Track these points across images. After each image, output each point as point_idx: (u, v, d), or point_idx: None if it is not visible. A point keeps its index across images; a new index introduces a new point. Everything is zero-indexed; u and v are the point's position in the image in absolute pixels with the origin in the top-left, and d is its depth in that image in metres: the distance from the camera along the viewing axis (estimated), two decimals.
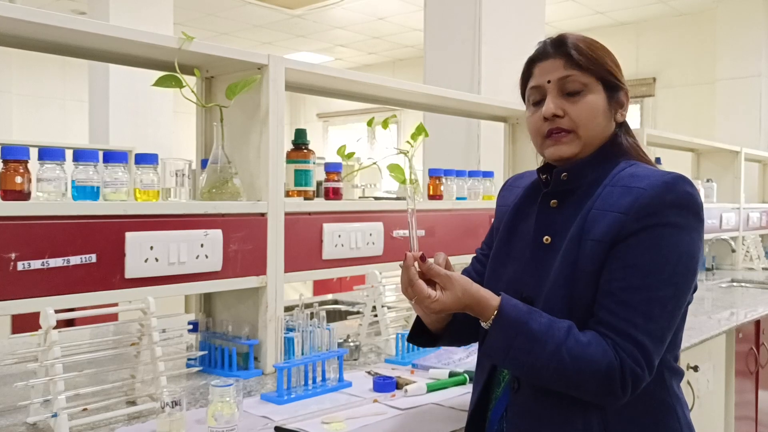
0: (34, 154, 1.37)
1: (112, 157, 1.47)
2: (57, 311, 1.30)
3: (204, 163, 1.73)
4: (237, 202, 1.66)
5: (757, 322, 2.80)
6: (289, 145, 1.88)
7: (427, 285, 1.10)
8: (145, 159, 1.53)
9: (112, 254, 1.42)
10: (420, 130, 2.27)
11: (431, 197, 2.30)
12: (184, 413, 1.22)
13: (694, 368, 2.31)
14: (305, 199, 1.86)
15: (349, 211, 1.96)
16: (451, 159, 3.06)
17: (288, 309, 1.74)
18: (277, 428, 1.28)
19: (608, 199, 1.12)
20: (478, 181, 2.47)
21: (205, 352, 1.70)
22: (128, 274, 1.44)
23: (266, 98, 1.70)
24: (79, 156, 1.42)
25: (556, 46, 1.19)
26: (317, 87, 2.09)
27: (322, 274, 1.90)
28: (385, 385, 1.55)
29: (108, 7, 4.77)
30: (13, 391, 1.40)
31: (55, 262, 1.33)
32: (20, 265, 1.28)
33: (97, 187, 1.44)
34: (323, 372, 1.57)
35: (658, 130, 4.47)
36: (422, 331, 1.28)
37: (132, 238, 1.44)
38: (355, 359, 1.86)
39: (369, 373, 1.69)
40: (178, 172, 1.63)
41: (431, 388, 1.54)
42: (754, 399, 2.86)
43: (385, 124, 2.25)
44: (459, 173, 2.40)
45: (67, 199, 1.42)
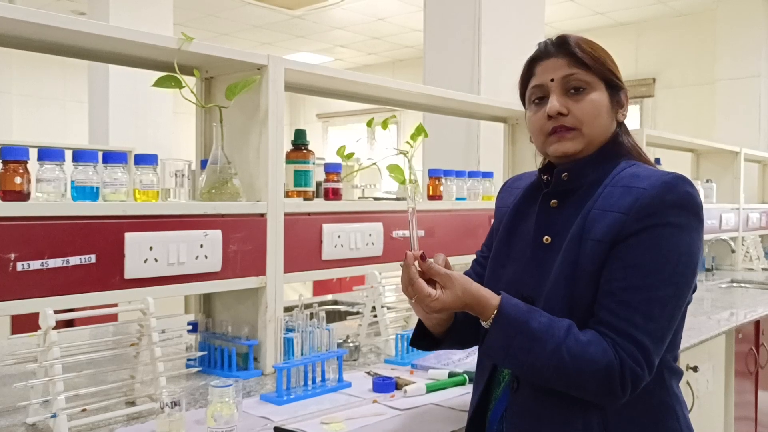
0: (33, 154, 1.37)
1: (112, 158, 1.47)
2: (56, 312, 1.29)
3: (203, 164, 1.73)
4: (236, 203, 1.66)
5: (757, 323, 2.80)
6: (288, 146, 1.88)
7: (428, 284, 1.10)
8: (145, 159, 1.53)
9: (111, 255, 1.42)
10: (419, 131, 2.27)
11: (431, 198, 2.30)
12: (184, 414, 1.22)
13: (694, 369, 2.31)
14: (305, 199, 1.86)
15: (349, 212, 1.96)
16: (450, 159, 3.06)
17: (287, 309, 1.74)
18: (276, 429, 1.28)
19: (609, 199, 1.12)
20: (477, 182, 2.47)
21: (205, 353, 1.70)
22: (128, 275, 1.44)
23: (266, 99, 1.70)
24: (79, 156, 1.42)
25: (558, 45, 1.19)
26: (317, 87, 2.09)
27: (322, 275, 1.90)
28: (384, 385, 1.55)
29: (108, 8, 4.77)
30: (12, 391, 1.40)
31: (55, 263, 1.33)
32: (19, 266, 1.28)
33: (97, 188, 1.44)
34: (323, 372, 1.57)
35: (658, 131, 4.48)
36: (424, 335, 1.28)
37: (131, 239, 1.44)
38: (355, 360, 1.86)
39: (368, 373, 1.69)
40: (177, 173, 1.63)
41: (431, 389, 1.54)
42: (754, 399, 2.86)
43: (385, 125, 2.25)
44: (458, 174, 2.40)
45: (67, 199, 1.42)
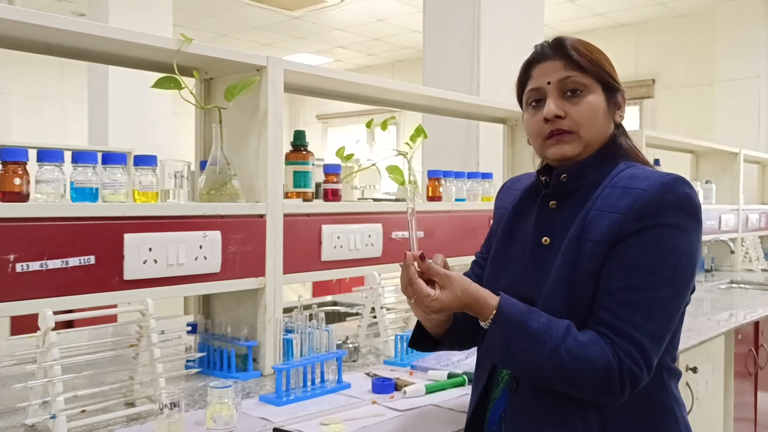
0: (33, 155, 1.37)
1: (111, 159, 1.47)
2: (56, 313, 1.29)
3: (203, 165, 1.73)
4: (236, 204, 1.66)
5: (756, 324, 2.80)
6: (288, 147, 1.89)
7: (427, 284, 1.10)
8: (144, 160, 1.53)
9: (110, 256, 1.42)
10: (419, 132, 2.27)
11: (430, 199, 2.30)
12: (183, 415, 1.22)
13: (693, 369, 2.31)
14: (304, 200, 1.86)
15: (348, 213, 1.96)
16: (450, 160, 3.06)
17: (287, 310, 1.74)
18: (275, 430, 1.28)
19: (608, 199, 1.13)
20: (477, 183, 2.47)
21: (204, 354, 1.70)
22: (127, 276, 1.44)
23: (265, 100, 1.70)
24: (78, 157, 1.42)
25: (554, 48, 1.19)
26: (316, 88, 2.09)
27: (321, 276, 1.90)
28: (383, 386, 1.55)
29: (107, 9, 4.77)
30: (11, 392, 1.40)
31: (54, 264, 1.33)
32: (19, 267, 1.28)
33: (96, 189, 1.44)
34: (322, 373, 1.57)
35: (657, 132, 4.48)
36: (423, 336, 1.27)
37: (131, 240, 1.44)
38: (354, 360, 1.86)
39: (368, 374, 1.69)
40: (176, 174, 1.63)
41: (430, 390, 1.54)
42: (753, 400, 2.86)
43: (384, 126, 2.25)
44: (458, 175, 2.40)
45: (66, 200, 1.42)
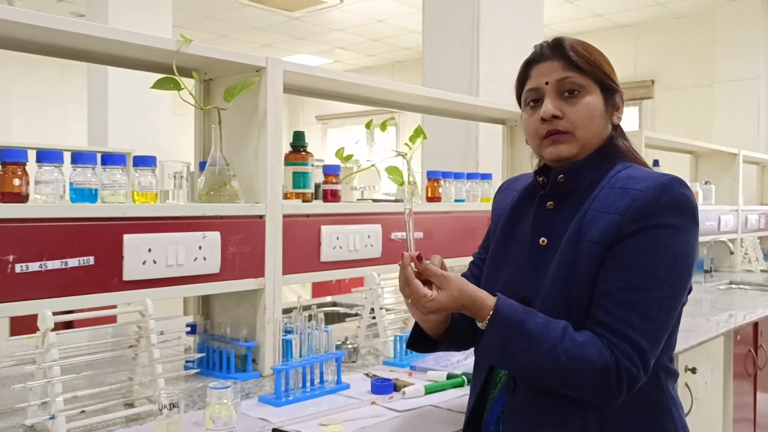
0: (32, 156, 1.37)
1: (111, 160, 1.47)
2: (55, 313, 1.29)
3: (202, 166, 1.73)
4: (235, 205, 1.66)
5: (755, 324, 2.80)
6: (287, 148, 1.89)
7: (424, 285, 1.10)
8: (144, 161, 1.53)
9: (110, 256, 1.42)
10: (418, 133, 2.27)
11: (429, 199, 2.30)
12: (182, 415, 1.22)
13: (692, 370, 2.31)
14: (303, 201, 1.87)
15: (348, 214, 1.96)
16: (449, 161, 3.06)
17: (286, 311, 1.74)
18: (274, 430, 1.29)
19: (605, 200, 1.13)
20: (476, 183, 2.47)
21: (203, 355, 1.70)
22: (126, 277, 1.44)
23: (264, 100, 1.71)
24: (78, 158, 1.42)
25: (553, 48, 1.20)
26: (316, 89, 2.09)
27: (321, 276, 1.90)
28: (383, 387, 1.55)
29: (107, 10, 4.77)
30: (10, 393, 1.40)
31: (53, 265, 1.33)
32: (18, 267, 1.28)
33: (95, 190, 1.44)
34: (321, 374, 1.57)
35: (657, 132, 4.49)
36: (421, 338, 1.28)
37: (130, 241, 1.44)
38: (354, 361, 1.86)
39: (367, 375, 1.69)
40: (176, 175, 1.63)
41: (429, 390, 1.54)
42: (753, 401, 2.86)
43: (384, 127, 2.25)
44: (457, 175, 2.40)
45: (66, 201, 1.42)
